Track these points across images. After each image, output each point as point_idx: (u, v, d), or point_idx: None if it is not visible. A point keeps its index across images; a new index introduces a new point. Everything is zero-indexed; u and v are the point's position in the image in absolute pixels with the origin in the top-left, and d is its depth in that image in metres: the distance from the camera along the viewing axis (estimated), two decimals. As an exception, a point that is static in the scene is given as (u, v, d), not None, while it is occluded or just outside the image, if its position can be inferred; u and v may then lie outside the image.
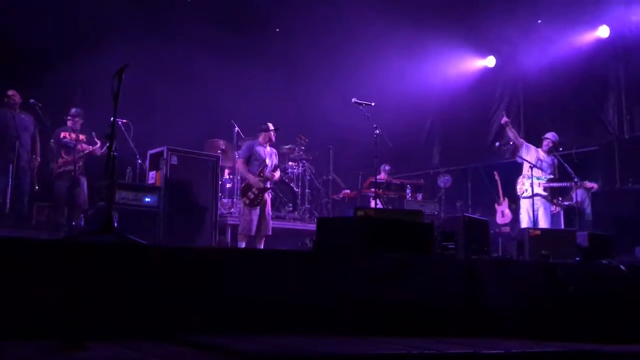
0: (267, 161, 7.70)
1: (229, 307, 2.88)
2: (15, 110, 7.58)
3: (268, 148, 7.86)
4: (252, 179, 7.47)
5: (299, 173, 9.92)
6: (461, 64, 12.19)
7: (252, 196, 7.46)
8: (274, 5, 10.37)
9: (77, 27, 9.28)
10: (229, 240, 8.23)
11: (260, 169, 7.60)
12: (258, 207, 7.45)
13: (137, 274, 2.70)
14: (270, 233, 7.58)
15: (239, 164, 7.82)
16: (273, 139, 7.92)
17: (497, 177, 10.50)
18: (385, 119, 8.38)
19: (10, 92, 7.63)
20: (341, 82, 10.61)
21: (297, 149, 9.86)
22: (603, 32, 10.36)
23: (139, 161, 8.04)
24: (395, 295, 3.51)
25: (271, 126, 7.86)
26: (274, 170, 7.80)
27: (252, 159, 7.67)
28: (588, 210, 8.90)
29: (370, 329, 3.30)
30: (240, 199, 7.68)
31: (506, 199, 10.24)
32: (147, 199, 6.86)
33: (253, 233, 7.39)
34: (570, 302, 4.30)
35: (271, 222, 7.72)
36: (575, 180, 7.96)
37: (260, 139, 7.84)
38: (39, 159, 7.85)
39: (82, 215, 7.64)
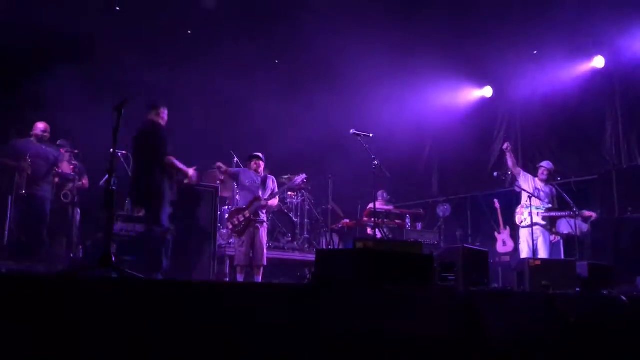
0: (260, 189, 7.78)
1: (222, 341, 2.85)
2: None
3: (261, 174, 7.97)
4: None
5: (298, 203, 9.92)
6: (459, 94, 12.32)
7: (236, 222, 7.54)
8: (273, 38, 10.50)
9: (77, 57, 9.38)
10: (227, 271, 8.18)
11: (252, 197, 7.65)
12: (246, 236, 7.47)
13: (133, 309, 2.68)
14: (265, 263, 7.53)
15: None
16: (259, 165, 7.97)
17: (497, 206, 10.51)
18: (384, 149, 8.43)
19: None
20: (340, 112, 10.70)
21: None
22: (598, 62, 10.49)
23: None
24: (395, 328, 3.48)
25: (259, 155, 7.99)
26: (271, 197, 7.82)
27: (241, 186, 7.83)
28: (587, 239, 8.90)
29: (370, 362, 3.26)
30: (227, 222, 7.69)
31: (507, 228, 10.22)
32: (146, 231, 6.83)
33: (243, 263, 7.38)
34: (571, 333, 4.26)
35: (265, 252, 7.67)
36: (574, 210, 7.96)
37: (251, 164, 8.00)
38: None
39: (81, 247, 7.62)
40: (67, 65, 8.64)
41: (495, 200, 10.54)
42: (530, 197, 8.10)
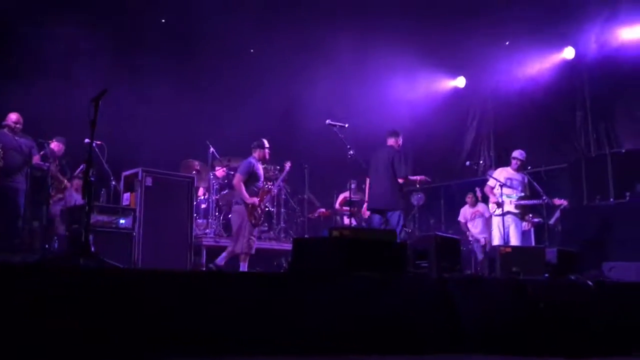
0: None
1: (204, 329, 2.91)
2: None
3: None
4: (249, 199, 7.43)
5: (274, 192, 9.94)
6: (432, 84, 12.45)
7: (257, 215, 7.54)
8: (249, 27, 10.46)
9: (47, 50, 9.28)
10: (203, 261, 8.20)
11: (261, 188, 7.69)
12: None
13: (113, 297, 2.72)
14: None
15: (237, 182, 7.56)
16: (267, 157, 7.88)
17: (479, 195, 10.60)
18: (359, 139, 8.51)
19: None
20: (316, 102, 10.74)
21: (272, 168, 9.87)
22: (568, 53, 10.70)
23: (113, 183, 8.01)
24: (370, 314, 3.57)
25: (266, 143, 7.80)
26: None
27: (252, 178, 7.61)
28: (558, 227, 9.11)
29: (347, 348, 3.35)
30: (247, 217, 7.48)
31: None
32: (122, 221, 6.80)
33: (253, 251, 7.47)
34: (541, 318, 4.41)
35: None
36: (544, 198, 8.13)
37: (256, 155, 7.74)
38: None
39: (56, 238, 7.57)
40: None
41: (477, 189, 10.63)
42: (501, 186, 8.25)
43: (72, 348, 2.62)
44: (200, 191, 9.36)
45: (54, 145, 8.09)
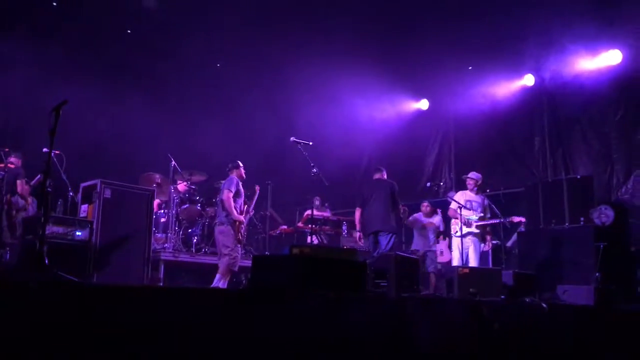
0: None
1: (158, 346, 2.86)
2: None
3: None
4: (238, 216, 7.43)
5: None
6: (397, 106, 12.63)
7: (242, 232, 7.55)
8: (215, 43, 10.46)
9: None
10: (161, 276, 8.08)
11: (245, 206, 7.81)
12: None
13: (69, 314, 2.65)
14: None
15: (228, 197, 7.40)
16: (244, 175, 7.85)
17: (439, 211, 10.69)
18: (323, 158, 8.56)
19: None
20: (281, 120, 10.77)
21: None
22: (528, 80, 11.02)
23: (71, 194, 7.84)
24: (329, 333, 3.56)
25: (241, 163, 7.84)
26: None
27: (236, 196, 7.56)
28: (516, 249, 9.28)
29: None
30: (234, 236, 7.40)
31: (446, 239, 10.39)
32: (79, 233, 6.66)
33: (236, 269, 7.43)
34: (495, 339, 4.47)
35: None
36: (502, 219, 8.29)
37: (236, 174, 7.71)
38: None
39: (8, 249, 7.35)
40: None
41: (439, 211, 10.73)
42: (460, 208, 8.37)
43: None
44: (155, 204, 9.20)
45: (12, 159, 7.92)
